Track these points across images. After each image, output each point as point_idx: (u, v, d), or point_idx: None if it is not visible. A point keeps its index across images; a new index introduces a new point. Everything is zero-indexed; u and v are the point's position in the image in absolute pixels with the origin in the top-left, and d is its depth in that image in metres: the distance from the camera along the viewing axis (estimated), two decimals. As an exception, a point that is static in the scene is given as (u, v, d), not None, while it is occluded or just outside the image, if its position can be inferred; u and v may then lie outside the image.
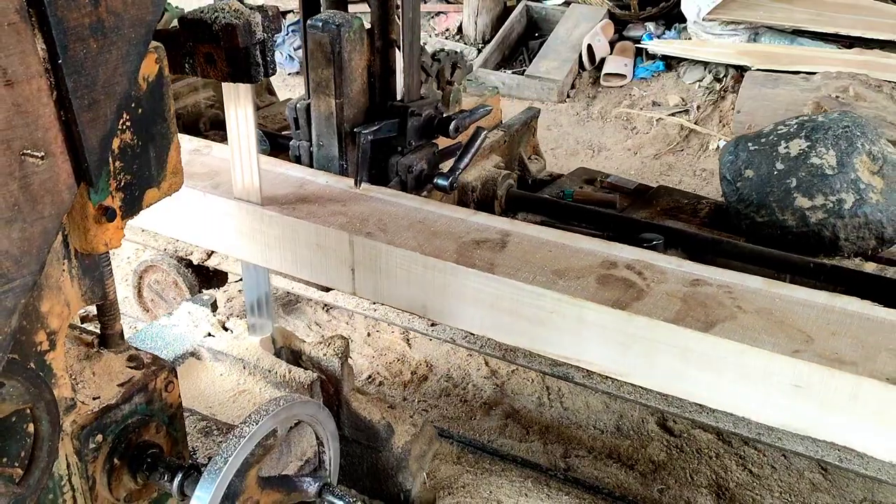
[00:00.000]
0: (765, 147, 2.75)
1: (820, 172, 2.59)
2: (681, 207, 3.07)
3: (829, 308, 1.95)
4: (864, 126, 2.73)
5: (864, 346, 1.82)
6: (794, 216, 2.61)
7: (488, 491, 2.43)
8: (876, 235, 2.61)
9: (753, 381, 1.83)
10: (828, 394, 1.77)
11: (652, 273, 2.07)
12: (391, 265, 2.18)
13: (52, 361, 1.40)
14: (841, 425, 1.80)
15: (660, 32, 6.47)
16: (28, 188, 1.08)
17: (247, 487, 1.58)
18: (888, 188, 2.59)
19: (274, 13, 2.02)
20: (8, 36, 1.00)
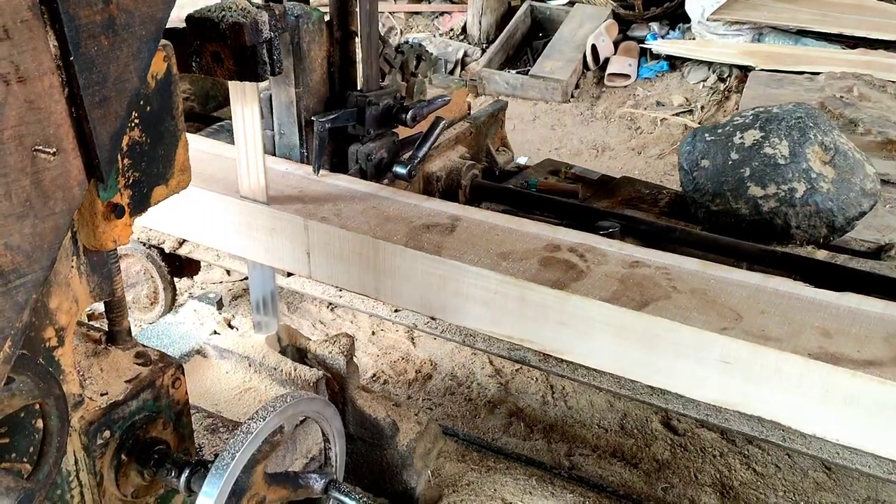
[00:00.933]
0: (721, 138, 2.80)
1: (773, 162, 2.64)
2: (642, 197, 3.13)
3: (761, 289, 2.01)
4: (817, 117, 2.77)
5: (790, 323, 1.89)
6: (747, 205, 2.65)
7: (493, 489, 2.43)
8: (827, 224, 2.66)
9: (685, 357, 1.90)
10: (754, 369, 1.83)
11: (593, 255, 2.14)
12: (345, 249, 2.25)
13: (60, 357, 1.41)
14: (767, 399, 1.86)
15: (664, 32, 6.47)
16: (40, 184, 1.08)
17: (254, 483, 1.58)
18: (839, 178, 2.64)
19: (280, 12, 2.02)
20: (20, 33, 1.01)
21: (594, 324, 1.97)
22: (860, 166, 2.75)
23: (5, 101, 1.01)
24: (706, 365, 1.89)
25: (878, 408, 1.76)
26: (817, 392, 1.80)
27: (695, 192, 2.83)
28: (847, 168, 2.69)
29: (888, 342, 1.85)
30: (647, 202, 3.10)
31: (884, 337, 1.86)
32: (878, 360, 1.79)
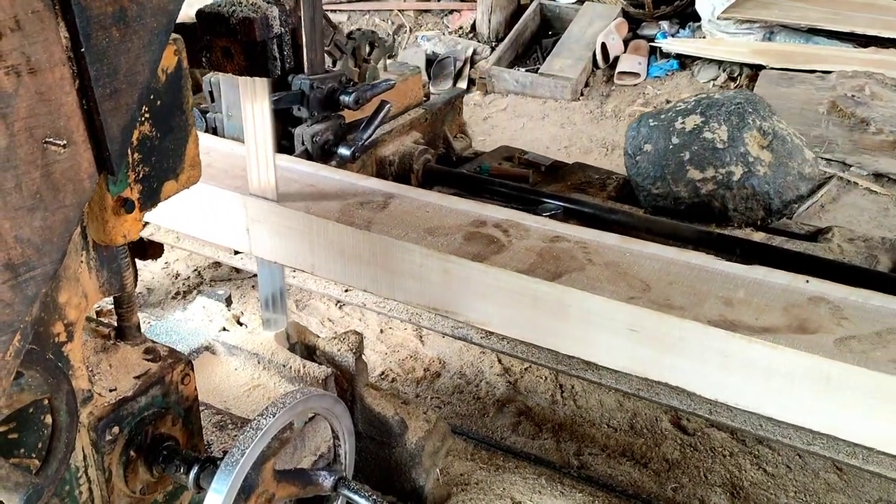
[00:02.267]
0: (663, 123, 2.86)
1: (711, 146, 2.71)
2: (591, 182, 3.22)
3: (674, 262, 2.10)
4: (756, 103, 2.82)
5: (695, 293, 1.97)
6: (686, 188, 2.72)
7: (501, 488, 2.42)
8: (764, 206, 2.72)
9: (595, 326, 1.98)
10: (658, 336, 1.91)
11: (517, 230, 2.22)
12: (281, 225, 2.32)
13: (69, 353, 1.41)
14: (672, 366, 1.94)
15: (674, 31, 6.44)
16: (50, 176, 1.07)
17: (263, 480, 1.57)
18: (777, 162, 2.71)
19: (291, 7, 2.02)
20: (32, 24, 1.00)
21: (512, 295, 2.05)
22: (799, 151, 2.80)
23: (16, 93, 1.00)
24: (615, 333, 1.97)
25: (771, 372, 1.84)
26: (717, 358, 1.88)
27: (637, 175, 2.89)
28: (785, 153, 2.75)
29: (787, 311, 1.93)
30: (596, 187, 3.20)
31: (783, 307, 1.94)
32: (774, 328, 1.87)
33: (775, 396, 1.87)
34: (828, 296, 2.00)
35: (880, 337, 1.86)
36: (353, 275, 2.28)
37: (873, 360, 1.78)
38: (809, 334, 1.86)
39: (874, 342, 1.85)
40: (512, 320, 2.09)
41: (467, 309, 2.15)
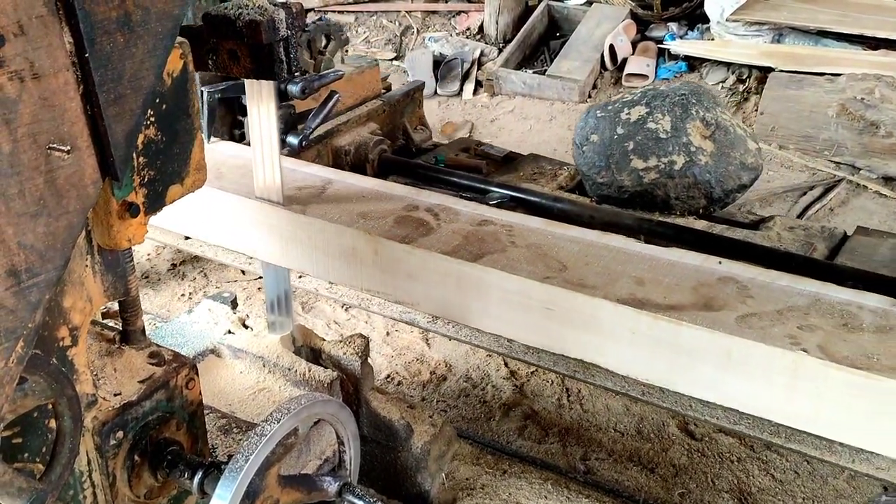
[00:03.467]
0: (610, 114, 2.92)
1: (655, 136, 2.76)
2: (543, 172, 3.29)
3: (593, 244, 2.19)
4: (701, 94, 2.88)
5: (610, 273, 2.06)
6: (629, 176, 2.78)
7: (507, 492, 2.40)
8: (705, 195, 2.78)
9: (513, 305, 2.07)
10: (572, 314, 2.00)
11: (447, 214, 2.33)
12: (224, 211, 2.40)
13: (73, 357, 1.40)
14: (585, 343, 2.03)
15: (682, 33, 6.42)
16: (54, 182, 1.07)
17: (267, 486, 1.57)
18: (718, 151, 2.76)
19: (298, 9, 2.01)
20: (35, 29, 1.00)
21: (437, 276, 2.14)
22: (741, 142, 2.84)
23: (19, 98, 1.00)
24: (531, 311, 2.05)
25: (678, 348, 1.91)
26: (626, 335, 1.95)
27: (584, 165, 2.96)
28: (727, 143, 2.80)
29: (696, 291, 2.01)
30: (548, 177, 3.27)
31: (693, 286, 2.02)
32: (681, 305, 1.95)
33: (682, 371, 1.95)
34: (737, 276, 2.07)
35: (780, 314, 1.94)
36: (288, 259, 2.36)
37: (771, 335, 1.85)
38: (714, 312, 1.93)
39: (774, 319, 1.92)
40: (439, 301, 2.18)
41: (397, 290, 2.24)
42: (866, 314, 1.96)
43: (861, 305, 1.99)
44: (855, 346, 1.84)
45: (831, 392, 1.81)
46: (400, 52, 6.90)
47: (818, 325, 1.91)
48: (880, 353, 1.82)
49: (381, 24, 7.13)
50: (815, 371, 1.80)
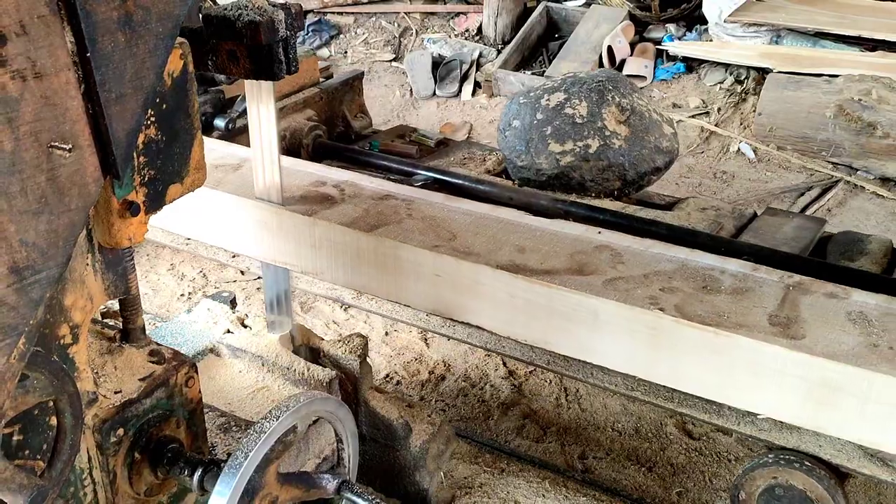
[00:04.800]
0: (531, 100, 3.01)
1: (572, 121, 2.87)
2: (473, 158, 3.42)
3: (486, 216, 2.34)
4: (618, 81, 2.99)
5: (495, 242, 2.20)
6: (547, 160, 2.88)
7: (505, 491, 2.42)
8: (619, 177, 2.87)
9: (406, 273, 2.20)
10: (458, 280, 2.13)
11: (352, 190, 2.47)
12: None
13: (74, 355, 1.41)
14: (471, 308, 2.15)
15: (681, 34, 6.43)
16: (55, 180, 1.08)
17: (266, 483, 1.58)
18: (633, 136, 2.86)
19: (297, 11, 2.02)
20: (37, 29, 1.01)
21: (337, 246, 2.28)
22: (657, 126, 2.94)
23: (21, 97, 1.01)
24: (423, 279, 2.18)
25: (550, 310, 2.03)
26: (505, 298, 2.09)
27: (506, 149, 3.06)
28: (642, 127, 2.89)
29: (572, 257, 2.16)
30: (476, 161, 3.39)
31: (570, 254, 2.17)
32: (555, 270, 2.09)
33: (555, 332, 2.07)
34: (613, 244, 2.23)
35: (646, 278, 2.09)
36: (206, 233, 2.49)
37: (633, 297, 1.99)
38: (585, 276, 2.08)
39: (639, 282, 2.07)
40: (340, 270, 2.31)
41: (301, 259, 2.37)
42: (727, 278, 2.10)
43: (723, 270, 2.14)
44: (709, 307, 1.98)
45: (686, 348, 1.94)
46: (399, 53, 6.91)
47: (679, 288, 2.05)
48: (732, 312, 1.96)
49: (379, 26, 7.14)
50: (671, 329, 1.94)
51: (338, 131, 3.63)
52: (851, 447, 2.20)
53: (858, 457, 2.20)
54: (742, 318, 1.94)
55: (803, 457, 2.22)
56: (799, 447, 2.25)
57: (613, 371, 2.50)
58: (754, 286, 2.07)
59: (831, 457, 2.22)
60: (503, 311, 2.10)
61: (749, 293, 2.04)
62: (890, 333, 1.90)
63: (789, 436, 2.27)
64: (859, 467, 2.20)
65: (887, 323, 1.93)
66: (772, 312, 1.97)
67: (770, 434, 2.30)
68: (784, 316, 1.96)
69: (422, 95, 6.30)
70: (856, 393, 1.80)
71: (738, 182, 4.99)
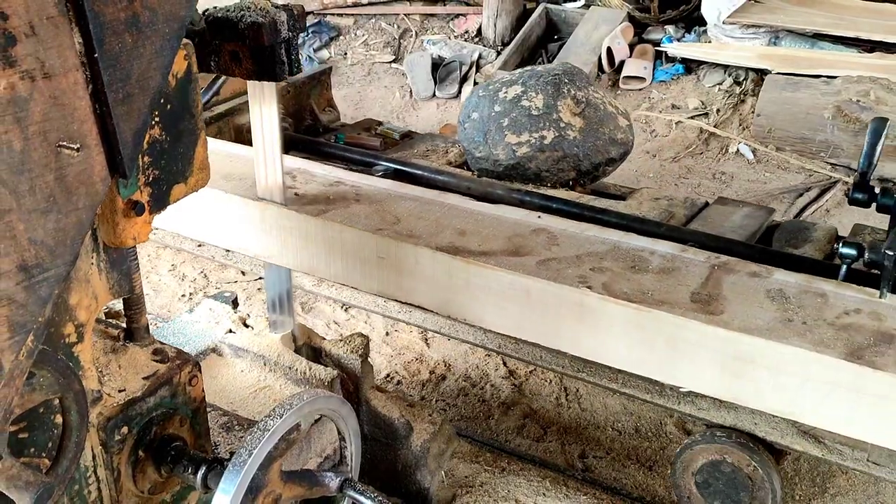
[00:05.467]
0: (490, 93, 3.09)
1: (528, 113, 2.94)
2: (435, 150, 3.49)
3: (431, 201, 2.43)
4: (574, 75, 3.07)
5: (437, 225, 2.29)
6: (504, 151, 2.95)
7: (506, 490, 2.43)
8: (574, 167, 2.95)
9: (351, 254, 2.28)
10: (400, 261, 2.21)
11: (304, 176, 2.56)
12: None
13: (79, 354, 1.42)
14: (413, 288, 2.23)
15: (680, 35, 6.44)
16: (63, 179, 1.09)
17: (270, 481, 1.59)
18: (588, 127, 2.94)
19: (299, 12, 2.03)
20: (46, 29, 1.02)
21: (285, 229, 2.34)
22: (611, 118, 3.04)
23: (30, 97, 1.02)
24: (367, 262, 2.26)
25: (488, 290, 2.12)
26: (444, 278, 2.16)
27: (465, 141, 3.13)
28: (596, 119, 2.98)
29: (510, 240, 2.24)
30: (439, 153, 3.45)
31: (508, 236, 2.25)
32: (492, 251, 2.18)
33: (493, 310, 2.15)
34: (550, 227, 2.31)
35: (578, 259, 2.17)
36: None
37: (563, 276, 2.08)
38: (520, 257, 2.16)
39: (571, 262, 2.15)
40: (293, 255, 2.37)
41: (252, 244, 2.44)
42: (655, 258, 2.19)
43: (653, 251, 2.22)
44: (636, 285, 2.06)
45: (612, 325, 2.02)
46: (398, 54, 6.92)
47: (609, 268, 2.14)
48: (656, 289, 2.04)
49: (379, 27, 7.15)
50: (597, 306, 2.02)
51: (306, 124, 3.70)
52: (786, 425, 2.29)
53: (792, 434, 2.29)
54: (665, 296, 2.02)
55: (739, 434, 2.31)
56: (735, 425, 2.33)
57: (612, 371, 2.52)
58: (681, 266, 2.15)
59: (766, 434, 2.30)
60: (444, 291, 2.18)
61: (675, 272, 2.12)
62: (805, 309, 1.97)
63: (726, 414, 2.36)
64: (793, 444, 2.29)
65: (804, 300, 2.01)
66: (694, 290, 2.05)
67: (708, 413, 2.39)
68: (706, 293, 2.04)
69: (421, 97, 6.31)
70: (768, 365, 1.88)
71: (736, 183, 5.00)
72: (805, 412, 1.90)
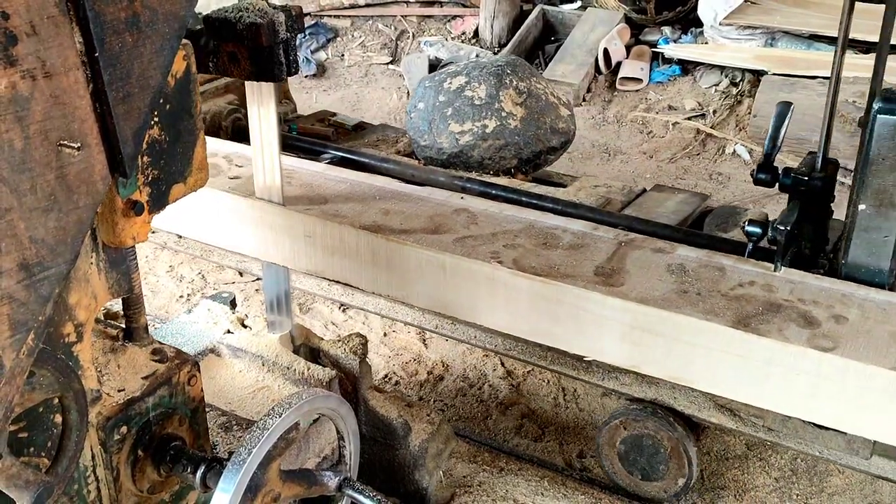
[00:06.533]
0: (435, 83, 3.18)
1: (471, 103, 3.04)
2: (386, 140, 3.60)
3: (360, 183, 2.55)
4: (517, 66, 3.17)
5: (364, 206, 2.40)
6: (447, 139, 3.05)
7: (504, 490, 2.43)
8: (515, 155, 3.06)
9: (281, 233, 2.37)
10: (326, 241, 2.31)
11: (239, 160, 2.68)
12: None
13: (79, 353, 1.43)
14: (341, 266, 2.33)
15: (676, 37, 6.45)
16: (64, 178, 1.10)
17: (269, 480, 1.59)
18: (529, 117, 3.05)
19: (297, 13, 2.04)
20: (47, 29, 1.03)
21: (224, 212, 2.44)
22: (553, 109, 3.13)
23: (31, 96, 1.03)
24: (297, 239, 2.34)
25: (406, 265, 2.22)
26: (369, 256, 2.28)
27: (411, 130, 3.22)
28: (538, 109, 3.08)
29: (431, 219, 2.36)
30: (389, 143, 3.56)
31: (430, 216, 2.38)
32: (412, 230, 2.29)
33: (413, 286, 2.25)
34: (470, 208, 2.43)
35: (494, 236, 2.27)
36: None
37: (477, 252, 2.18)
38: (438, 234, 2.27)
39: (486, 240, 2.26)
40: (222, 233, 2.47)
41: (188, 226, 2.54)
42: (568, 236, 2.30)
43: (566, 229, 2.33)
44: (545, 260, 2.17)
45: (521, 298, 2.12)
46: (396, 56, 6.93)
47: (522, 244, 2.24)
48: (563, 264, 2.15)
49: (376, 29, 7.16)
50: (507, 280, 2.11)
51: None
52: (704, 399, 2.40)
53: (710, 408, 2.40)
54: (571, 270, 2.12)
55: (658, 408, 2.43)
56: (656, 399, 2.45)
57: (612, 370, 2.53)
58: (590, 242, 2.27)
59: (684, 408, 2.42)
60: (368, 269, 2.29)
61: (584, 248, 2.24)
62: (701, 282, 2.09)
63: (647, 389, 2.48)
64: (710, 417, 2.41)
65: (702, 273, 2.13)
66: (599, 265, 2.16)
67: (631, 388, 2.51)
68: (610, 267, 2.15)
69: (418, 98, 6.31)
70: (663, 333, 1.98)
71: (733, 183, 5.01)
72: (698, 378, 2.01)
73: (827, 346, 1.86)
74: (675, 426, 2.40)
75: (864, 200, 2.09)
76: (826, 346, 1.86)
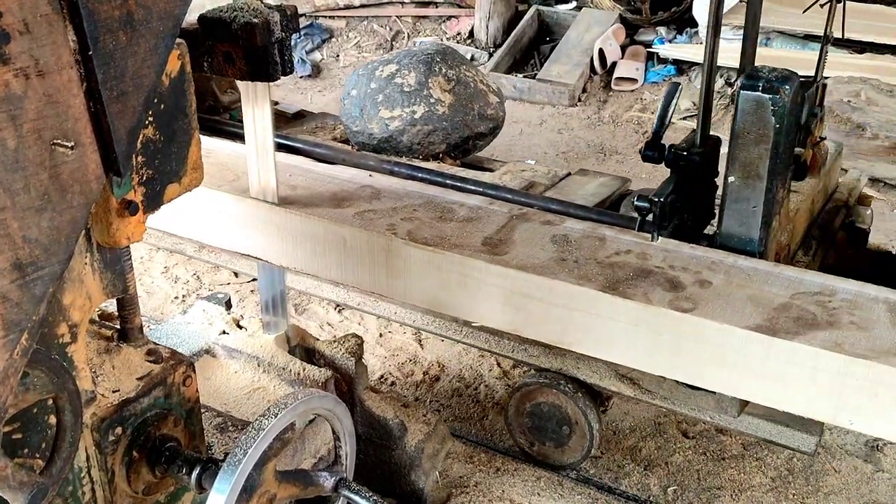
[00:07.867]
0: (368, 71, 3.28)
1: (401, 90, 3.14)
2: (324, 127, 3.66)
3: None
4: (446, 54, 3.28)
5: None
6: (378, 125, 3.14)
7: (501, 490, 2.43)
8: (444, 140, 3.15)
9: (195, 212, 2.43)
10: (237, 217, 2.38)
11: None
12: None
13: (73, 354, 1.42)
14: (248, 240, 2.39)
15: (671, 37, 6.46)
16: (58, 178, 1.09)
17: (264, 481, 1.58)
18: (457, 103, 3.15)
19: (292, 12, 2.03)
20: (40, 27, 1.02)
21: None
22: (482, 96, 3.24)
23: (25, 95, 1.02)
24: (209, 217, 2.42)
25: (312, 238, 2.31)
26: (275, 230, 2.34)
27: (344, 116, 3.32)
28: (466, 96, 3.17)
29: (336, 195, 2.47)
30: (327, 130, 3.62)
31: (335, 191, 2.49)
32: (317, 204, 2.38)
33: (315, 259, 2.35)
34: (376, 185, 2.55)
35: (394, 210, 2.38)
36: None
37: (374, 225, 2.28)
38: (340, 209, 2.38)
39: (386, 213, 2.36)
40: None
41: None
42: (464, 210, 2.40)
43: (463, 203, 2.43)
44: (437, 231, 2.27)
45: (415, 268, 2.22)
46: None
47: (419, 218, 2.34)
48: (455, 235, 2.25)
49: (371, 29, 7.15)
50: (401, 250, 2.21)
51: (207, 104, 3.79)
52: (605, 369, 2.52)
53: (611, 377, 2.52)
54: (461, 240, 2.23)
55: (563, 378, 2.56)
56: (561, 370, 2.57)
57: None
58: (483, 216, 2.37)
59: (587, 377, 2.53)
60: (276, 242, 2.35)
61: (477, 221, 2.34)
62: (580, 250, 2.20)
63: (553, 360, 2.60)
64: (610, 386, 2.52)
65: (583, 243, 2.23)
66: (488, 236, 2.26)
67: (538, 359, 2.63)
68: (497, 238, 2.25)
69: (414, 98, 6.31)
70: (541, 298, 2.08)
71: (728, 184, 5.01)
72: (574, 341, 2.11)
73: (686, 308, 1.96)
74: (579, 395, 2.53)
75: (732, 173, 2.19)
76: (686, 307, 1.97)
